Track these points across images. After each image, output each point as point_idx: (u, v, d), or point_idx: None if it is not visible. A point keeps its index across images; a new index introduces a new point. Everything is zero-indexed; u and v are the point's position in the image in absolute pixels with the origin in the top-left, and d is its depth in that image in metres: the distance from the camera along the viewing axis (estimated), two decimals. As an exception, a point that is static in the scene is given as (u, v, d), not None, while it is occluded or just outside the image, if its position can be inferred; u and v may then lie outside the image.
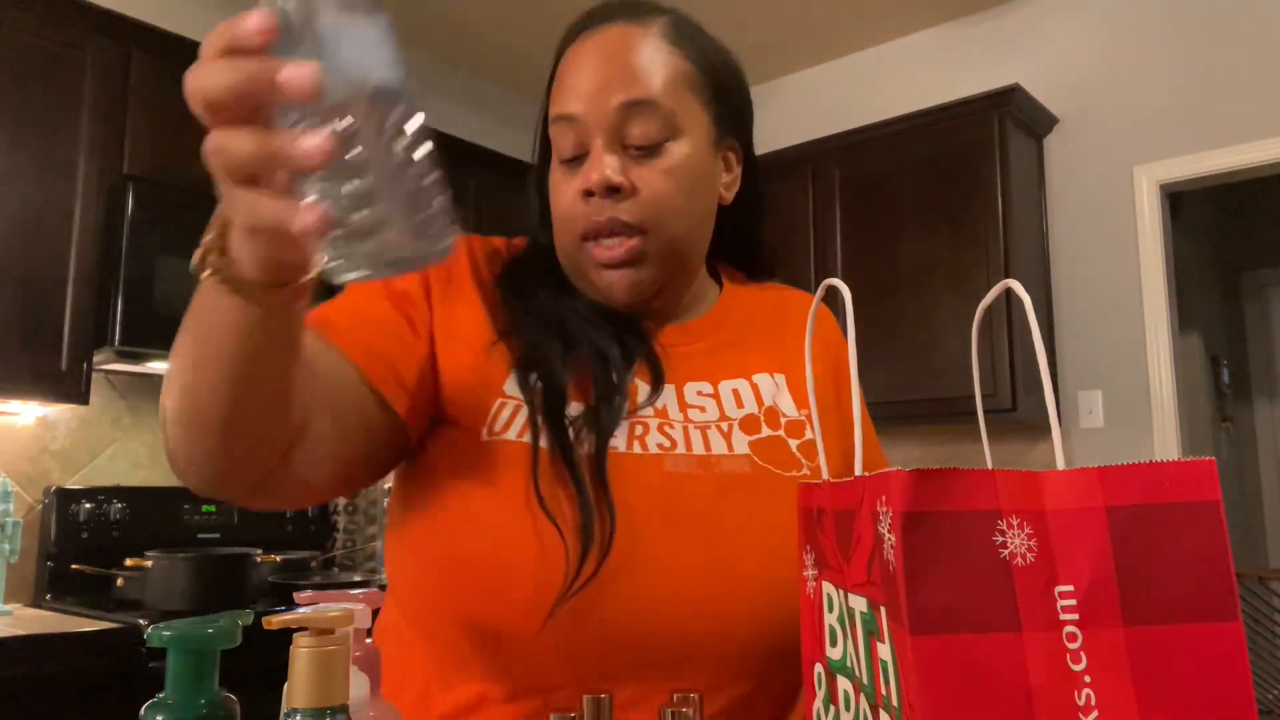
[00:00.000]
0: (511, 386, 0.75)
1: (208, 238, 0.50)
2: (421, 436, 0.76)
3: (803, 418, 0.80)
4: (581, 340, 0.77)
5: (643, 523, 0.70)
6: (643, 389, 0.77)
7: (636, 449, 0.73)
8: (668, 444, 0.74)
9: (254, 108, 0.41)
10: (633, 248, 0.75)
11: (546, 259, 0.83)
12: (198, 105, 0.42)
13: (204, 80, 0.42)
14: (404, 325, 0.74)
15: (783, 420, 0.79)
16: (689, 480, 0.73)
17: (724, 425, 0.77)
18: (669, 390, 0.78)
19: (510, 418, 0.73)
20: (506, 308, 0.79)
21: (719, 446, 0.75)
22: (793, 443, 0.78)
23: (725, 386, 0.80)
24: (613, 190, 0.74)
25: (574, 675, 0.68)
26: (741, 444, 0.76)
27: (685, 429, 0.76)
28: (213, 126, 0.42)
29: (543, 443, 0.71)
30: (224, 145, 0.42)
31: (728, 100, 0.82)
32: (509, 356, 0.76)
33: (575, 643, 0.67)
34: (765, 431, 0.78)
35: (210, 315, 0.52)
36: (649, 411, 0.76)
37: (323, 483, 0.69)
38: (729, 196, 0.85)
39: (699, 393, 0.79)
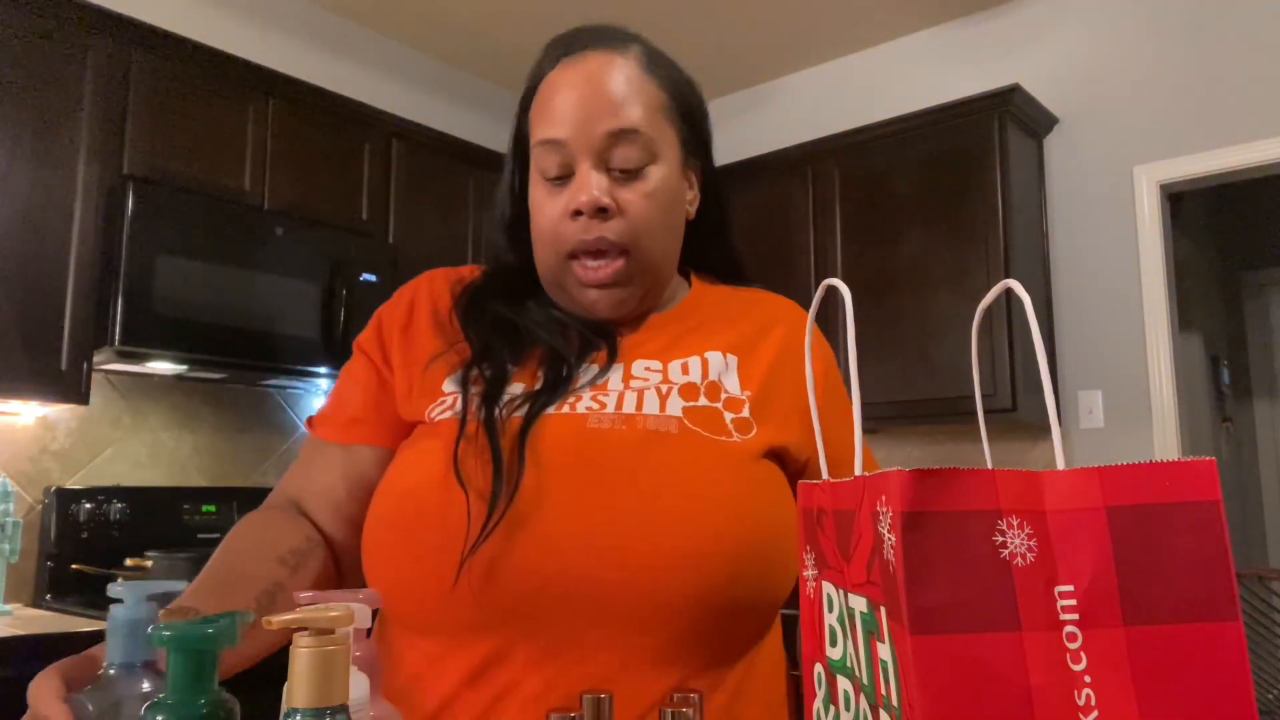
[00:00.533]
0: (449, 385, 0.80)
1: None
2: None
3: (744, 397, 0.82)
4: (534, 339, 0.83)
5: (554, 473, 0.72)
6: (593, 369, 0.81)
7: (565, 410, 0.77)
8: (597, 406, 0.77)
9: None
10: (618, 269, 0.81)
11: (508, 273, 0.89)
12: None
13: None
14: (361, 380, 0.87)
15: (723, 395, 0.82)
16: (609, 435, 0.75)
17: (664, 388, 0.80)
18: (618, 368, 0.82)
19: (448, 406, 0.79)
20: (460, 322, 0.85)
21: (651, 407, 0.78)
22: (728, 415, 0.80)
23: (675, 363, 0.83)
24: (600, 211, 0.79)
25: (496, 622, 0.71)
26: (675, 407, 0.78)
27: (620, 395, 0.79)
28: None
29: (480, 419, 0.76)
30: None
31: (693, 124, 0.88)
32: (450, 363, 0.82)
33: (490, 593, 0.70)
34: (702, 400, 0.80)
35: None
36: (587, 387, 0.80)
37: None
38: (692, 213, 0.90)
39: (646, 368, 0.82)
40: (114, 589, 0.55)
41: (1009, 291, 0.47)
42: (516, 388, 0.79)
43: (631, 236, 0.80)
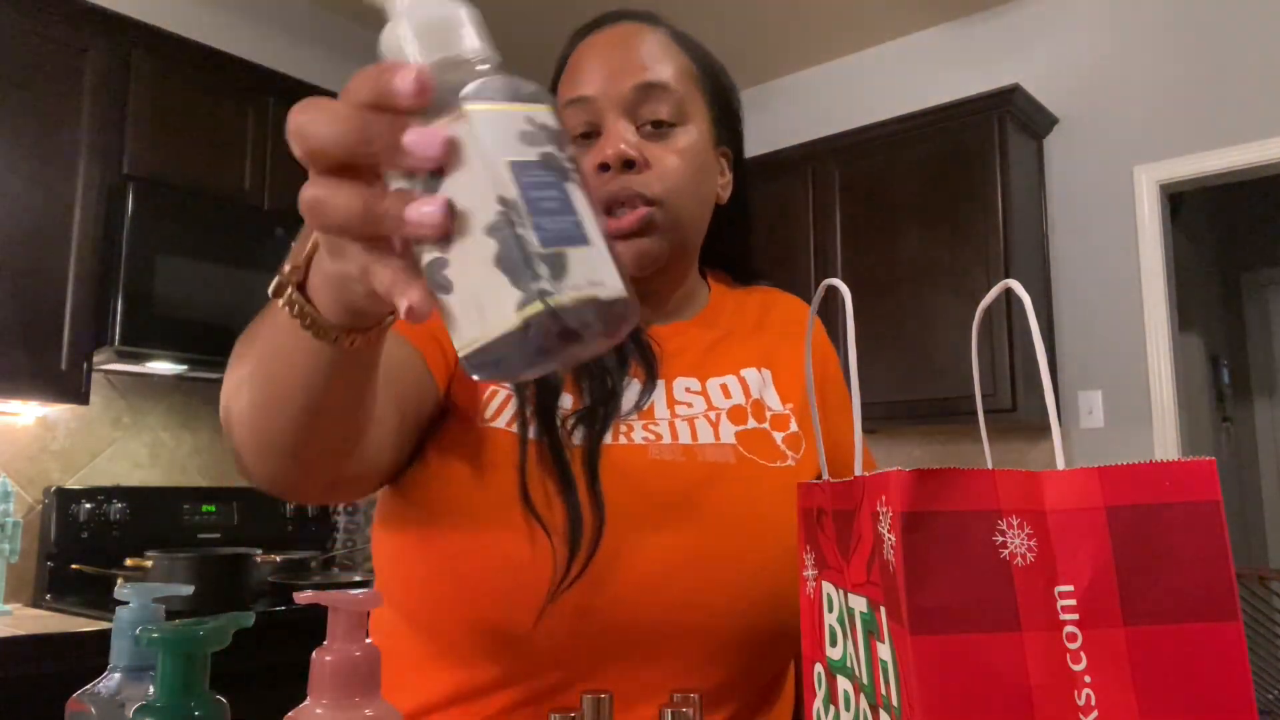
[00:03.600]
0: None
1: (287, 267, 0.47)
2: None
3: (788, 411, 0.82)
4: None
5: (625, 511, 0.71)
6: (635, 386, 0.78)
7: (622, 440, 0.74)
8: (653, 437, 0.76)
9: (365, 166, 0.38)
10: (643, 216, 0.75)
11: None
12: (300, 148, 0.38)
13: (318, 127, 0.38)
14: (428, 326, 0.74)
15: (768, 414, 0.81)
16: (672, 468, 0.74)
17: (711, 415, 0.79)
18: (659, 387, 0.79)
19: (501, 406, 0.74)
20: None
21: (705, 435, 0.77)
22: (777, 435, 0.80)
23: (713, 383, 0.82)
24: (628, 164, 0.75)
25: (561, 661, 0.69)
26: (728, 433, 0.77)
27: (672, 423, 0.77)
28: (311, 172, 0.39)
29: (533, 434, 0.72)
30: (324, 201, 0.37)
31: (725, 106, 0.86)
32: None
33: (560, 631, 0.69)
34: (751, 423, 0.79)
35: (283, 347, 0.49)
36: (634, 412, 0.77)
37: (385, 470, 0.70)
38: (725, 197, 0.87)
39: (687, 389, 0.80)
40: (120, 591, 0.55)
41: (1009, 291, 0.47)
42: (566, 400, 0.76)
43: (661, 190, 0.76)
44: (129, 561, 2.28)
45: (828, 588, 0.52)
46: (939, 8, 3.33)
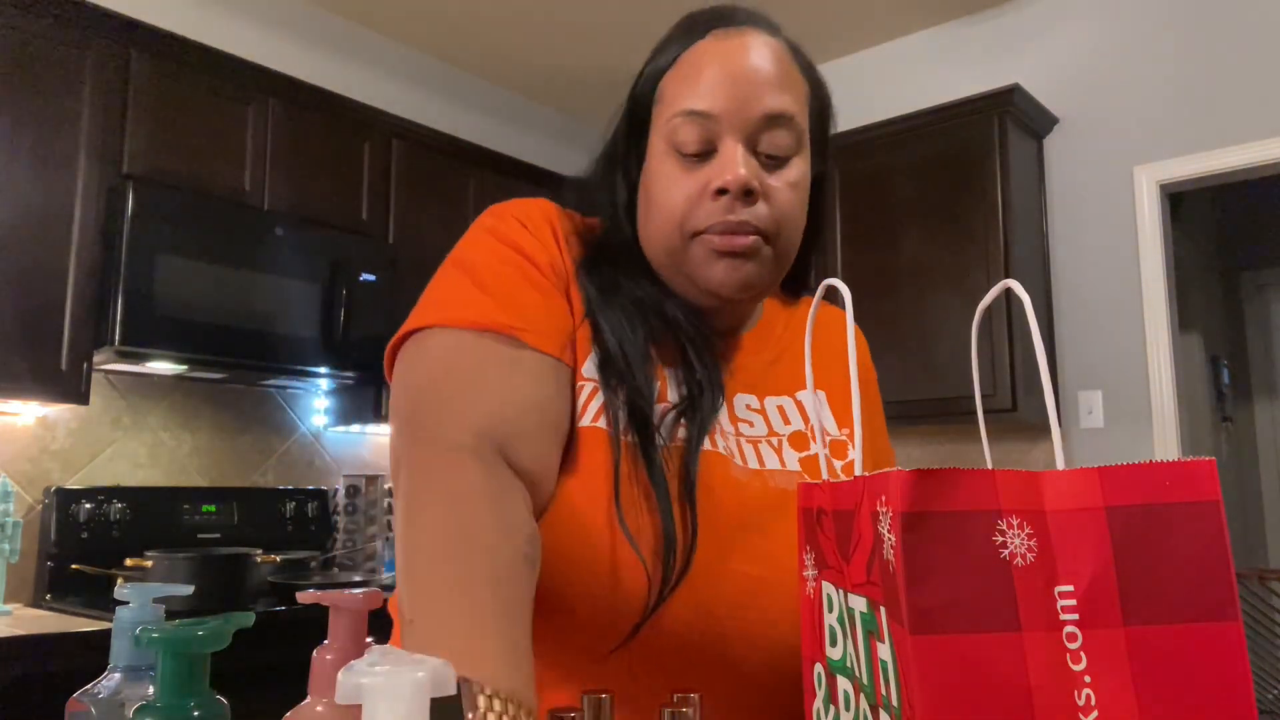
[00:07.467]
0: (590, 369, 0.73)
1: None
2: None
3: (844, 437, 0.81)
4: (665, 335, 0.77)
5: (709, 531, 0.69)
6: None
7: (707, 445, 0.73)
8: (725, 455, 0.74)
9: None
10: (754, 243, 0.74)
11: (629, 250, 0.80)
12: None
13: None
14: (558, 305, 0.75)
15: (827, 439, 0.80)
16: (746, 489, 0.73)
17: (774, 440, 0.77)
18: (721, 402, 0.78)
19: (587, 400, 0.72)
20: (590, 292, 0.77)
21: (771, 461, 0.76)
22: (837, 464, 0.79)
23: (771, 402, 0.80)
24: (748, 193, 0.73)
25: (602, 676, 0.69)
26: (792, 460, 0.77)
27: (738, 442, 0.76)
28: None
29: (625, 434, 0.70)
30: None
31: (824, 129, 0.83)
32: (587, 336, 0.75)
33: (611, 646, 0.68)
34: (814, 448, 0.78)
35: None
36: (713, 416, 0.76)
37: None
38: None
39: (747, 406, 0.79)
40: (120, 591, 0.55)
41: (1009, 291, 0.47)
42: (660, 406, 0.74)
43: (775, 225, 0.74)
44: (129, 561, 2.28)
45: (828, 588, 0.52)
46: (939, 8, 3.33)
